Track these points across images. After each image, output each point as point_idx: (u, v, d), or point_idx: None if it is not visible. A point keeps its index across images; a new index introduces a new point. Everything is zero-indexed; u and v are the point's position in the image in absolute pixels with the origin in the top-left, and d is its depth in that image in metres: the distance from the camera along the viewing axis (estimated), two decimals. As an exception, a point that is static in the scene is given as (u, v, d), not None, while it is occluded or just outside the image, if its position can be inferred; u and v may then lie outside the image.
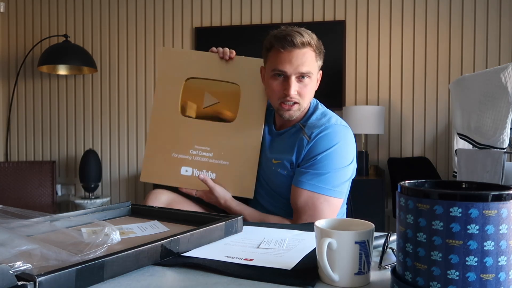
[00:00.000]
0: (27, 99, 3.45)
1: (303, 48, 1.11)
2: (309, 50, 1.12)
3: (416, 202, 0.52)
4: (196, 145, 1.23)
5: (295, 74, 1.12)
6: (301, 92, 1.14)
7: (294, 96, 1.13)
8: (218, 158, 1.23)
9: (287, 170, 1.17)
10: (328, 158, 1.11)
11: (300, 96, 1.14)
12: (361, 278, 0.61)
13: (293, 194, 1.13)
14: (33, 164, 3.14)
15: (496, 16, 2.82)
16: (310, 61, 1.12)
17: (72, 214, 0.98)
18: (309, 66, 1.12)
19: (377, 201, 2.51)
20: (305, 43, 1.10)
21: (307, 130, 1.16)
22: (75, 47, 3.07)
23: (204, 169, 1.23)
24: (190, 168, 1.23)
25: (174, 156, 1.22)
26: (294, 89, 1.12)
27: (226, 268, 0.67)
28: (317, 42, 1.14)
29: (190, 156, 1.23)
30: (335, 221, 0.69)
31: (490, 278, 0.49)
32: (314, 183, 1.10)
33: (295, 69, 1.11)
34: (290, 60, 1.11)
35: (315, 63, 1.14)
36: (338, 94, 2.98)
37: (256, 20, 3.12)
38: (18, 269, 0.55)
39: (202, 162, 1.23)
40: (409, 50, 2.94)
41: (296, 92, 1.13)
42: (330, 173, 1.10)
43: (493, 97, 1.80)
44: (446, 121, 2.91)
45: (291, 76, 1.12)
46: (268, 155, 1.23)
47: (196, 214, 1.00)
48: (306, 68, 1.11)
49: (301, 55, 1.11)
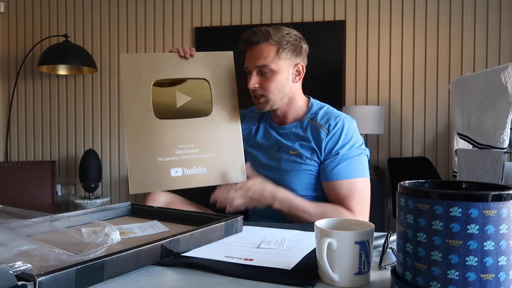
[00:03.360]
0: (27, 99, 3.45)
1: (258, 44, 1.20)
2: (266, 45, 1.19)
3: (416, 202, 0.52)
4: (180, 145, 1.23)
5: (253, 68, 1.21)
6: (264, 85, 1.21)
7: (255, 89, 1.21)
8: (204, 152, 1.24)
9: (307, 157, 1.21)
10: (353, 146, 1.19)
11: (264, 89, 1.21)
12: (361, 278, 0.62)
13: (332, 188, 1.18)
14: (33, 164, 3.14)
15: (496, 16, 2.82)
16: (267, 55, 1.19)
17: (72, 214, 0.98)
18: (266, 60, 1.18)
19: (377, 201, 2.51)
20: (260, 39, 1.19)
21: (322, 123, 1.22)
22: (75, 47, 3.07)
23: (194, 166, 1.24)
24: (180, 168, 1.23)
25: (161, 161, 1.21)
26: (253, 83, 1.20)
27: (226, 268, 0.67)
28: (280, 38, 1.19)
29: (176, 157, 1.23)
30: (335, 221, 0.69)
31: (490, 278, 0.49)
32: (351, 171, 1.17)
33: (252, 63, 1.21)
34: (249, 57, 1.22)
35: (277, 57, 1.19)
36: (338, 94, 2.98)
37: (256, 20, 3.12)
38: (18, 269, 0.55)
39: (190, 160, 1.23)
40: (409, 50, 2.94)
41: (257, 85, 1.21)
42: (358, 158, 1.19)
43: (493, 97, 1.80)
44: (446, 121, 2.91)
45: (252, 71, 1.21)
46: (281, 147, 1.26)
47: (196, 214, 1.00)
48: (261, 61, 1.19)
49: (256, 51, 1.20)
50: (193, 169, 1.23)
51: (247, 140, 1.35)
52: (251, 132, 1.36)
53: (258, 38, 1.19)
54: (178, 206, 1.25)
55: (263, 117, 1.36)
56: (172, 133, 1.24)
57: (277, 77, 1.20)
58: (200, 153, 1.24)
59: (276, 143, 1.28)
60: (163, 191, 1.26)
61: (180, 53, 1.27)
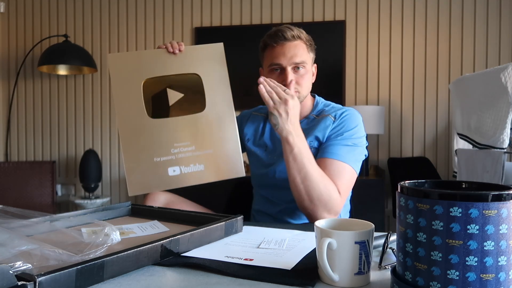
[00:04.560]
0: (27, 99, 3.45)
1: (294, 41, 1.21)
2: (300, 42, 1.22)
3: (416, 202, 0.52)
4: (175, 143, 1.22)
5: (290, 65, 1.20)
6: (299, 81, 1.22)
7: (291, 83, 1.20)
8: (201, 149, 1.23)
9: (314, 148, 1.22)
10: (353, 135, 1.21)
11: (299, 85, 1.22)
12: (361, 278, 0.61)
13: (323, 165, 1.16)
14: (33, 164, 3.14)
15: (496, 16, 2.82)
16: (302, 52, 1.22)
17: (72, 214, 0.98)
18: (302, 56, 1.21)
19: (377, 201, 2.51)
20: (295, 36, 1.21)
21: (330, 112, 1.26)
22: (75, 47, 3.07)
23: (191, 163, 1.23)
24: (177, 167, 1.22)
25: (157, 161, 1.20)
26: (291, 78, 1.20)
27: (226, 268, 0.67)
28: (307, 36, 1.25)
29: (173, 156, 1.22)
30: (335, 221, 0.69)
31: (490, 278, 0.49)
32: (346, 156, 1.17)
33: (289, 60, 1.20)
34: (284, 53, 1.20)
35: (308, 55, 1.24)
36: (338, 94, 2.98)
37: (256, 20, 3.12)
38: (18, 269, 0.55)
39: (187, 158, 1.23)
40: (409, 50, 2.94)
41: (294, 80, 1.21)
42: (354, 147, 1.19)
43: (493, 97, 1.80)
44: (446, 121, 2.91)
45: (287, 67, 1.20)
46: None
47: (196, 214, 1.00)
48: (299, 58, 1.20)
49: (293, 47, 1.20)
50: (190, 167, 1.23)
51: (254, 139, 1.35)
52: (257, 132, 1.35)
53: (294, 34, 1.21)
54: (178, 206, 1.25)
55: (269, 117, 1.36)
56: (167, 131, 1.23)
57: (308, 74, 1.25)
58: (196, 150, 1.23)
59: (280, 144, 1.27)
60: (163, 191, 1.26)
61: (168, 49, 1.24)
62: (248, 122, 1.38)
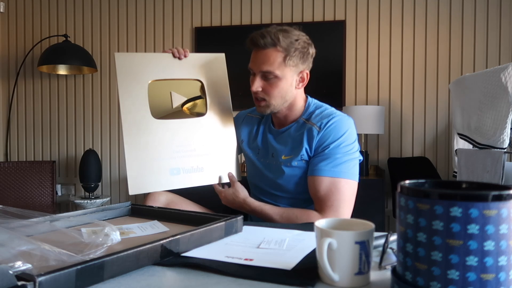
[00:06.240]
0: (27, 99, 3.45)
1: (266, 49, 1.16)
2: (274, 51, 1.15)
3: (416, 202, 0.52)
4: (177, 145, 1.24)
5: (258, 72, 1.19)
6: (266, 90, 1.19)
7: (257, 92, 1.20)
8: (200, 152, 1.26)
9: (300, 161, 1.20)
10: (341, 145, 1.16)
11: (266, 93, 1.20)
12: (361, 278, 0.61)
13: (313, 184, 1.16)
14: (33, 164, 3.14)
15: (496, 16, 2.82)
16: (273, 61, 1.15)
17: (72, 214, 0.98)
18: (271, 66, 1.16)
19: (377, 201, 2.51)
20: (268, 44, 1.15)
21: (315, 121, 1.21)
22: (75, 47, 3.07)
23: (191, 165, 1.25)
24: (178, 168, 1.23)
25: (158, 161, 1.21)
26: (256, 86, 1.19)
27: (226, 268, 0.67)
28: (288, 45, 1.15)
29: (174, 157, 1.23)
30: (335, 221, 0.69)
31: (490, 278, 0.49)
32: (334, 169, 1.14)
33: (258, 67, 1.18)
34: (255, 59, 1.19)
35: (283, 64, 1.16)
36: (338, 94, 2.98)
37: (256, 20, 3.12)
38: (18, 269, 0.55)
39: (187, 160, 1.24)
40: (409, 50, 2.94)
41: (260, 88, 1.19)
42: (345, 158, 1.15)
43: (493, 97, 1.80)
44: (446, 121, 2.91)
45: (256, 74, 1.19)
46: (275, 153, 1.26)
47: (196, 214, 1.00)
48: (267, 67, 1.16)
49: (263, 55, 1.17)
50: (190, 169, 1.24)
51: (248, 141, 1.35)
52: (251, 134, 1.36)
53: (266, 42, 1.15)
54: (178, 206, 1.25)
55: (263, 119, 1.35)
56: (170, 133, 1.24)
57: (281, 83, 1.18)
58: (196, 152, 1.26)
59: (271, 148, 1.28)
60: (163, 191, 1.26)
61: (174, 54, 1.28)
62: (243, 124, 1.39)
